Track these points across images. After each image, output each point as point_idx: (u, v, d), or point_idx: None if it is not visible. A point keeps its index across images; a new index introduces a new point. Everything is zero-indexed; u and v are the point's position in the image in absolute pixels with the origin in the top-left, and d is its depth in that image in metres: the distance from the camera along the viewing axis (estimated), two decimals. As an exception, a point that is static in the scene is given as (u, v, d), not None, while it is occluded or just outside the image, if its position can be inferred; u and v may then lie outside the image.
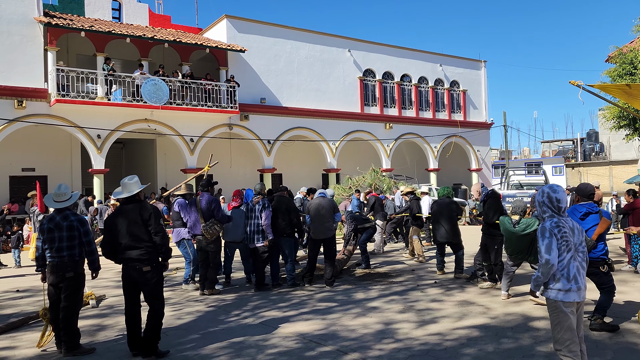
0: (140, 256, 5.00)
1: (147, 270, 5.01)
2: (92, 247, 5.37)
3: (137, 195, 5.25)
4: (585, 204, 5.61)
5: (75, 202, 5.58)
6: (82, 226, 5.37)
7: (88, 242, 5.36)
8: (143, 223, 5.02)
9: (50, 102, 16.89)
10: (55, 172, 19.56)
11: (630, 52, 15.13)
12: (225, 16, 21.28)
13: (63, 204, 5.42)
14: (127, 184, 5.27)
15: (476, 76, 29.63)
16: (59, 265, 5.24)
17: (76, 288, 5.32)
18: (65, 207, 5.43)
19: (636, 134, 15.51)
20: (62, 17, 18.80)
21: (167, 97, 18.23)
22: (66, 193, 5.48)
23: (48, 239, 5.29)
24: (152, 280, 5.04)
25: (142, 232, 5.02)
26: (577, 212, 5.57)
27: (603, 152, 44.33)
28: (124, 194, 5.23)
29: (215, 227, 7.71)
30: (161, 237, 5.05)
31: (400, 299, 7.39)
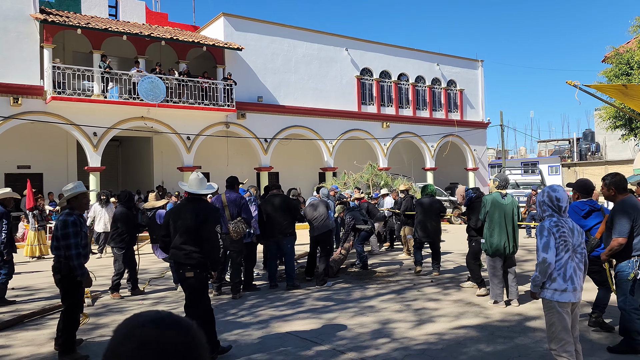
0: (184, 260, 4.80)
1: (189, 276, 4.80)
2: (70, 252, 4.93)
3: (203, 195, 5.09)
4: (587, 202, 5.57)
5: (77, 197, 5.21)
6: (62, 228, 5.01)
7: (65, 245, 4.96)
8: (196, 226, 4.77)
9: (46, 99, 16.81)
10: (51, 170, 19.48)
11: (626, 53, 15.18)
12: (222, 14, 21.21)
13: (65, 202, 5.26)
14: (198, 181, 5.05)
15: (473, 76, 29.65)
16: (53, 266, 5.16)
17: (65, 290, 5.09)
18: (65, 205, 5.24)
19: (632, 134, 15.57)
20: (59, 14, 18.71)
21: (164, 95, 18.16)
22: (67, 190, 5.28)
23: None
24: (193, 287, 4.83)
25: (193, 235, 4.76)
26: (579, 211, 5.53)
27: (599, 152, 44.49)
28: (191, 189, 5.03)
29: (242, 225, 7.56)
30: (211, 244, 4.79)
31: (397, 298, 7.39)
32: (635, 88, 6.59)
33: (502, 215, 6.59)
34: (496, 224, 6.59)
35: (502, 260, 6.71)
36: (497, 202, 6.65)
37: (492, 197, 6.74)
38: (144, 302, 7.53)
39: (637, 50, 14.36)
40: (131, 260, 8.13)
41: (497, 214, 6.61)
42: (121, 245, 7.97)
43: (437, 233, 9.15)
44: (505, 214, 6.59)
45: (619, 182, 4.88)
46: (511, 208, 6.62)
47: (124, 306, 7.30)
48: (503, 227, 6.56)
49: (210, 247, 4.78)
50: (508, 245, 6.57)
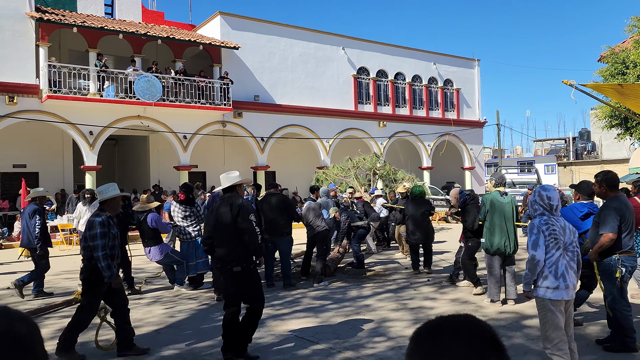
0: (227, 256, 4.81)
1: (237, 272, 4.80)
2: (97, 254, 4.88)
3: (234, 189, 5.05)
4: (587, 204, 5.59)
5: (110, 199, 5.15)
6: (90, 229, 4.97)
7: (92, 246, 4.92)
8: (232, 220, 4.79)
9: (42, 98, 16.75)
10: (46, 169, 19.43)
11: (622, 52, 15.23)
12: (218, 13, 21.18)
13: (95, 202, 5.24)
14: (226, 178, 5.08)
15: (470, 75, 29.71)
16: (81, 266, 5.10)
17: (84, 290, 5.06)
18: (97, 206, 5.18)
19: (627, 133, 15.63)
20: (54, 12, 18.64)
21: (160, 94, 18.13)
22: (102, 192, 5.18)
23: None
24: (246, 280, 4.84)
25: (231, 228, 4.78)
26: (577, 212, 5.55)
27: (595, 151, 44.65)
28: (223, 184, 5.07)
29: None
30: (249, 235, 4.80)
31: (393, 297, 7.40)
32: (631, 87, 6.61)
33: (501, 214, 6.57)
34: (496, 223, 6.58)
35: (501, 260, 6.71)
36: (496, 201, 6.65)
37: (492, 196, 6.74)
38: (140, 302, 7.51)
39: (633, 50, 14.41)
40: (124, 260, 8.08)
41: (497, 213, 6.60)
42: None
43: (428, 235, 9.17)
44: (505, 213, 6.58)
45: (611, 179, 4.89)
46: (510, 207, 6.63)
47: (120, 305, 7.28)
48: (503, 226, 6.55)
49: (249, 238, 4.80)
50: (509, 244, 6.57)
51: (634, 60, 14.01)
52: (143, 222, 8.04)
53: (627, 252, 4.78)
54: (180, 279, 8.29)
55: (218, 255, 4.87)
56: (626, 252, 4.77)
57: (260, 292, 4.93)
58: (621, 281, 4.74)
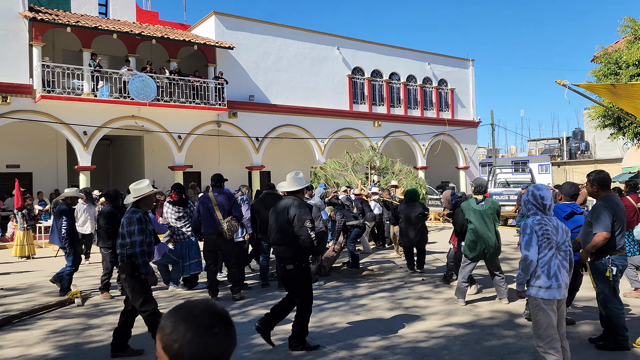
0: (282, 254, 5.10)
1: (289, 269, 5.07)
2: (134, 250, 4.87)
3: (299, 192, 5.28)
4: (570, 204, 5.66)
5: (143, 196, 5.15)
6: (127, 225, 4.96)
7: (130, 243, 4.90)
8: (289, 221, 5.04)
9: (36, 98, 16.67)
10: (40, 169, 19.34)
11: (615, 52, 15.31)
12: (213, 13, 21.15)
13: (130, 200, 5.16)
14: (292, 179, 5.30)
15: (464, 75, 29.79)
16: (119, 265, 5.08)
17: (132, 290, 4.98)
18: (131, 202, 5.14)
19: (620, 133, 15.71)
20: (48, 12, 18.56)
21: (155, 94, 18.08)
22: (137, 189, 5.17)
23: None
24: (294, 278, 5.08)
25: (287, 229, 5.05)
26: (560, 212, 5.61)
27: (588, 151, 44.88)
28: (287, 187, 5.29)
29: (235, 224, 7.37)
30: (304, 237, 4.97)
31: (388, 296, 7.42)
32: (624, 87, 6.65)
33: (479, 220, 6.58)
34: (473, 229, 6.63)
35: (475, 265, 6.76)
36: (471, 208, 6.68)
37: (467, 203, 6.82)
38: (135, 302, 7.49)
39: (626, 50, 14.49)
40: (120, 260, 8.09)
41: (473, 219, 6.64)
42: (108, 245, 7.91)
43: (421, 236, 9.16)
44: (483, 219, 6.58)
45: (603, 179, 4.92)
46: (489, 212, 6.59)
47: (114, 306, 7.27)
48: (480, 232, 6.56)
49: (304, 239, 4.99)
50: (488, 250, 6.57)
51: (627, 60, 14.09)
52: None
53: (618, 252, 4.81)
54: (176, 278, 8.29)
55: (275, 252, 5.23)
56: (617, 252, 4.80)
57: (305, 291, 5.14)
58: (613, 280, 4.76)
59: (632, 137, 15.70)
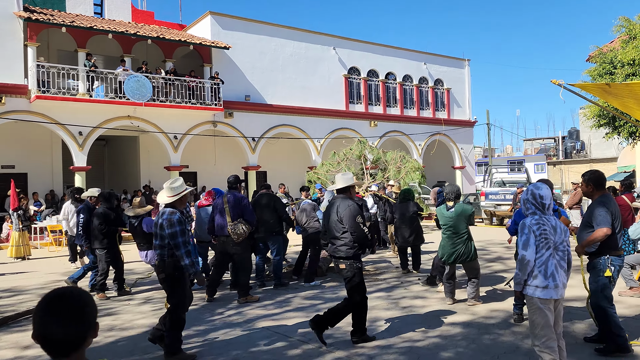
0: (335, 252, 5.22)
1: (342, 268, 5.19)
2: (179, 252, 4.82)
3: (347, 190, 5.37)
4: None
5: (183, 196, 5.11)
6: (169, 227, 4.87)
7: (174, 245, 4.84)
8: (340, 220, 5.16)
9: (31, 98, 16.60)
10: (35, 170, 19.25)
11: (610, 52, 15.36)
12: (209, 13, 21.11)
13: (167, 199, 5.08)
14: (341, 178, 5.44)
15: (460, 74, 29.84)
16: (157, 265, 5.05)
17: (170, 290, 4.97)
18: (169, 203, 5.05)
19: (615, 132, 15.76)
20: (43, 12, 18.48)
21: (150, 94, 18.03)
22: (174, 188, 5.09)
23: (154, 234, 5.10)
24: (347, 275, 5.19)
25: (338, 227, 5.16)
26: None
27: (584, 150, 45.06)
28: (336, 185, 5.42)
29: (243, 227, 7.21)
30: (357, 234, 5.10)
31: (384, 296, 7.43)
32: (618, 87, 6.67)
33: (447, 226, 6.65)
34: (445, 234, 6.73)
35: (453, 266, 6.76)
36: (441, 213, 6.75)
37: (439, 209, 6.90)
38: (130, 303, 7.48)
39: (621, 50, 14.53)
40: (116, 260, 8.05)
41: (444, 224, 6.72)
42: (102, 246, 7.89)
43: (416, 236, 9.14)
44: (452, 225, 6.62)
45: (598, 179, 4.87)
46: (459, 219, 6.60)
47: (110, 307, 7.25)
48: (451, 237, 6.63)
49: (357, 237, 5.12)
50: (458, 255, 6.58)
51: (622, 60, 14.13)
52: (138, 227, 7.95)
53: (617, 252, 4.74)
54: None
55: (330, 250, 5.34)
56: (616, 252, 4.73)
57: (360, 285, 5.25)
58: (611, 281, 4.70)
59: (627, 136, 15.75)
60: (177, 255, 4.83)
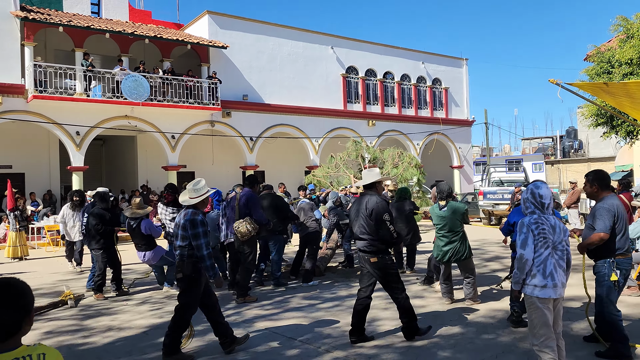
0: (365, 247, 5.20)
1: (374, 262, 5.16)
2: (201, 253, 4.86)
3: (374, 185, 5.35)
4: None
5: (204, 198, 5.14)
6: (192, 228, 4.89)
7: (196, 246, 4.87)
8: (368, 216, 5.14)
9: (28, 98, 16.55)
10: (32, 170, 19.20)
11: (607, 51, 15.35)
12: (207, 12, 21.07)
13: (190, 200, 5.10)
14: (367, 174, 5.42)
15: (458, 74, 29.85)
16: (177, 264, 5.01)
17: (182, 289, 4.96)
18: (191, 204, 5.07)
19: (613, 131, 15.75)
20: (40, 11, 18.43)
21: (148, 94, 18.00)
22: (197, 189, 5.12)
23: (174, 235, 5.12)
24: (381, 270, 5.18)
25: (367, 223, 5.15)
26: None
27: (582, 149, 45.14)
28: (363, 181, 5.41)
29: (248, 226, 7.20)
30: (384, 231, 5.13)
31: (383, 295, 7.39)
32: (616, 86, 6.67)
33: (441, 225, 6.65)
34: (438, 233, 6.74)
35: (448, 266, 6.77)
36: (434, 213, 6.74)
37: (432, 208, 6.89)
38: (128, 303, 7.46)
39: (618, 49, 14.53)
40: (114, 260, 8.03)
41: (437, 223, 6.71)
42: (99, 246, 7.87)
43: (412, 235, 9.10)
44: (444, 224, 6.62)
45: (602, 178, 4.73)
46: (452, 217, 6.59)
47: (107, 307, 7.23)
48: (445, 236, 6.62)
49: (384, 232, 5.14)
50: (453, 254, 6.59)
51: (619, 59, 14.13)
52: (136, 228, 7.94)
53: (623, 254, 4.58)
54: (171, 279, 8.23)
55: (358, 245, 5.33)
56: (621, 254, 4.57)
57: (396, 278, 5.30)
58: (617, 285, 4.55)
59: (624, 135, 15.75)
60: (198, 256, 4.87)
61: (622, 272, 4.58)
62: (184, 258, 4.90)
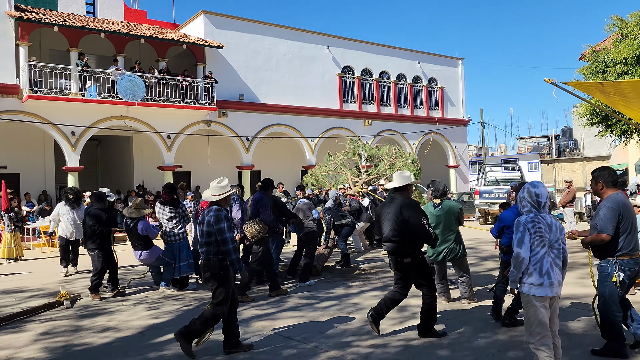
0: (396, 249, 5.28)
1: (407, 262, 5.26)
2: (227, 247, 4.91)
3: (405, 188, 5.43)
4: None
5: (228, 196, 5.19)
6: (217, 223, 4.94)
7: (222, 240, 4.92)
8: (403, 220, 5.19)
9: (23, 98, 16.48)
10: (28, 170, 19.13)
11: (602, 51, 15.41)
12: (202, 12, 21.04)
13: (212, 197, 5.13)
14: (398, 177, 5.51)
15: (454, 73, 29.91)
16: (203, 264, 5.00)
17: (216, 288, 4.95)
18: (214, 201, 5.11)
19: (608, 130, 15.82)
20: (34, 11, 18.36)
21: (144, 94, 17.95)
22: (222, 187, 5.16)
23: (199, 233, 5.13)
24: (415, 270, 5.29)
25: (402, 226, 5.21)
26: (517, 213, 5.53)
27: (577, 149, 45.31)
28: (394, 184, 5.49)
29: (257, 226, 7.38)
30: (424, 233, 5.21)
31: (380, 295, 7.41)
32: (611, 85, 6.70)
33: (435, 223, 6.61)
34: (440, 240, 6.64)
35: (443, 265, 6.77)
36: (429, 212, 6.64)
37: (426, 206, 6.78)
38: (125, 303, 7.44)
39: (613, 49, 14.60)
40: (110, 260, 8.00)
41: (432, 222, 6.60)
42: (95, 246, 7.85)
43: None
44: (439, 223, 6.60)
45: (608, 176, 4.63)
46: (446, 216, 6.58)
47: (103, 307, 7.21)
48: (439, 235, 6.53)
49: (425, 235, 5.25)
50: (447, 253, 6.60)
51: (614, 58, 14.19)
52: (133, 228, 7.94)
53: (628, 255, 4.44)
54: (167, 279, 8.22)
55: (388, 248, 5.39)
56: (626, 255, 4.44)
57: (428, 278, 5.38)
58: (621, 286, 4.45)
59: (619, 134, 15.82)
60: (224, 251, 4.92)
61: (627, 274, 4.44)
62: (210, 256, 4.95)
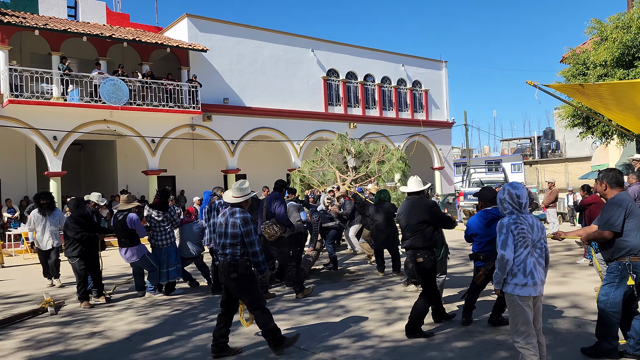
0: (412, 246, 5.59)
1: (420, 262, 5.54)
2: (254, 249, 4.99)
3: (421, 192, 5.81)
4: (490, 210, 5.65)
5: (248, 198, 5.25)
6: (243, 225, 4.99)
7: (249, 242, 4.98)
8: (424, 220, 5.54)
9: (3, 102, 16.23)
10: (9, 175, 18.82)
11: (582, 53, 15.65)
12: (186, 15, 20.94)
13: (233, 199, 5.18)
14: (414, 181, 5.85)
15: (437, 76, 30.17)
16: (229, 265, 4.98)
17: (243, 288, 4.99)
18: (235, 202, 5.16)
19: (589, 132, 16.05)
20: (15, 14, 18.10)
21: (127, 98, 17.80)
22: (243, 189, 5.21)
23: (217, 234, 5.16)
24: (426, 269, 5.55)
25: (420, 227, 5.55)
26: (482, 220, 5.64)
27: (559, 150, 45.98)
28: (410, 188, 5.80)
29: (275, 227, 7.49)
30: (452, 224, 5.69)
31: (367, 297, 7.45)
32: (591, 87, 6.83)
33: None
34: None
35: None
36: None
37: None
38: (110, 309, 7.36)
39: (593, 51, 14.83)
40: (93, 267, 7.82)
41: None
42: (74, 254, 7.63)
43: (391, 238, 9.11)
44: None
45: (612, 177, 4.59)
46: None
47: (89, 314, 7.12)
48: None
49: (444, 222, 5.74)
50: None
51: (594, 61, 14.42)
52: (122, 220, 7.84)
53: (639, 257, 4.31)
54: (152, 285, 8.13)
55: (405, 245, 5.70)
56: (637, 256, 4.31)
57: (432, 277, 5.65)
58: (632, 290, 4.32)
59: (600, 135, 16.06)
60: (251, 252, 5.00)
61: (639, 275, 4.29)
62: (237, 257, 4.98)
